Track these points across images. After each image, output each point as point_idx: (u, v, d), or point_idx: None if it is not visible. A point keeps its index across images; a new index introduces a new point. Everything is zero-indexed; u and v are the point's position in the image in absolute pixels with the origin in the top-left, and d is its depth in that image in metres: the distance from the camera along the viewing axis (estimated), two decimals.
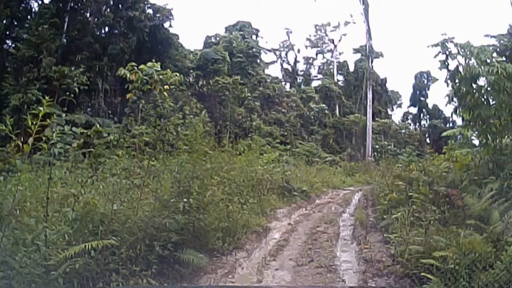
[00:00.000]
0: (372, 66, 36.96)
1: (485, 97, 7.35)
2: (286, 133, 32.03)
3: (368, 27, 34.02)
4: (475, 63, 7.22)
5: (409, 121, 46.47)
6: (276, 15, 71.73)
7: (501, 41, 24.83)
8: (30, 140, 4.16)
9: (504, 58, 7.85)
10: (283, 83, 41.99)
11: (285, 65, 45.66)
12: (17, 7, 23.66)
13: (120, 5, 26.43)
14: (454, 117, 9.22)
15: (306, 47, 46.54)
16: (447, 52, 7.47)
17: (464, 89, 7.28)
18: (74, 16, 25.08)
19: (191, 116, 20.56)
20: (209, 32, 43.56)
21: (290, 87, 41.73)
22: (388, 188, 9.75)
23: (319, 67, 46.95)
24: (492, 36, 25.50)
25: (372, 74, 36.60)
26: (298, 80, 45.68)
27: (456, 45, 7.42)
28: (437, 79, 39.79)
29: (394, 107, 48.25)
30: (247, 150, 14.34)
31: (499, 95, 6.90)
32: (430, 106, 44.70)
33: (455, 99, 7.68)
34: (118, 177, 6.39)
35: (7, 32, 23.50)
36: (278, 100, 34.75)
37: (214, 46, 33.13)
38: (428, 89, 45.34)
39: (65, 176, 8.37)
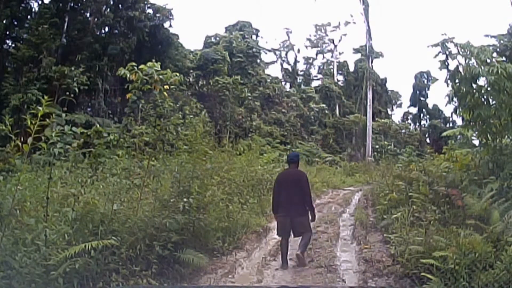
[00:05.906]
0: (372, 66, 36.91)
1: (485, 97, 7.35)
2: (286, 133, 32.00)
3: (368, 27, 34.02)
4: (475, 63, 7.22)
5: (409, 121, 46.45)
6: (276, 15, 71.69)
7: (501, 41, 24.79)
8: (30, 140, 4.15)
9: (504, 58, 7.86)
10: (283, 83, 41.94)
11: (285, 65, 45.65)
12: (17, 7, 23.60)
13: (120, 5, 26.39)
14: (454, 117, 9.24)
15: (306, 47, 46.57)
16: (447, 52, 7.47)
17: (464, 89, 7.28)
18: (74, 16, 25.03)
19: (191, 116, 20.54)
20: (209, 32, 43.64)
21: (290, 87, 41.68)
22: (388, 188, 9.75)
23: (319, 67, 46.98)
24: (492, 36, 25.47)
25: (372, 74, 36.55)
26: (298, 80, 45.64)
27: (456, 45, 7.42)
28: (437, 79, 39.84)
29: (394, 107, 48.26)
30: (247, 150, 14.35)
31: (499, 95, 6.90)
32: (430, 106, 44.72)
33: (455, 99, 7.68)
34: (118, 177, 6.40)
35: (7, 32, 23.46)
36: (278, 100, 34.71)
37: (214, 46, 33.08)
38: (428, 89, 45.37)
39: (65, 176, 8.36)
